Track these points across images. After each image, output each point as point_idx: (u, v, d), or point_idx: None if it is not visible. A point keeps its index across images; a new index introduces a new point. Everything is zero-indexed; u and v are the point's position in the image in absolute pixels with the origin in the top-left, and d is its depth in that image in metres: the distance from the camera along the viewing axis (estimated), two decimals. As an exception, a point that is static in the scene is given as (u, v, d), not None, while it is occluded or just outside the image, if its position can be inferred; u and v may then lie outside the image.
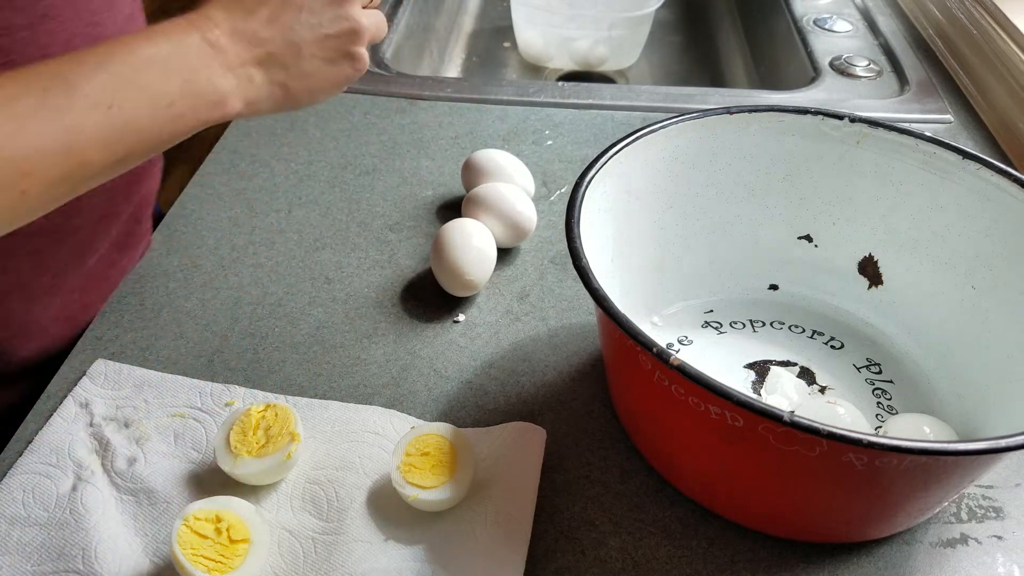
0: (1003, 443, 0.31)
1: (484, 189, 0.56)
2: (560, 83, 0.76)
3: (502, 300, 0.54)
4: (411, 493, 0.39)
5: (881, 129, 0.47)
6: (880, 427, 0.46)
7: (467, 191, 0.60)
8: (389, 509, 0.41)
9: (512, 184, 0.58)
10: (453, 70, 1.02)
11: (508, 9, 0.96)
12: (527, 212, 0.55)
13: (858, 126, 0.47)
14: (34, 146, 0.35)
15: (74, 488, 0.41)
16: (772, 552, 0.40)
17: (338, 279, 0.55)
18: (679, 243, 0.51)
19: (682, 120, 0.47)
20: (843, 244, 0.51)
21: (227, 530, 0.38)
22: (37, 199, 0.36)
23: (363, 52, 0.46)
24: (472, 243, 0.52)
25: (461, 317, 0.52)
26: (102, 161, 0.38)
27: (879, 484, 0.35)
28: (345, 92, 0.74)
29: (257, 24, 0.43)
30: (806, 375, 0.49)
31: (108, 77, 0.39)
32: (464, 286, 0.52)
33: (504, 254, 0.57)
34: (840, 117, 0.48)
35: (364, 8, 0.46)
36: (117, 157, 0.39)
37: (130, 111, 0.38)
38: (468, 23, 1.10)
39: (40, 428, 0.44)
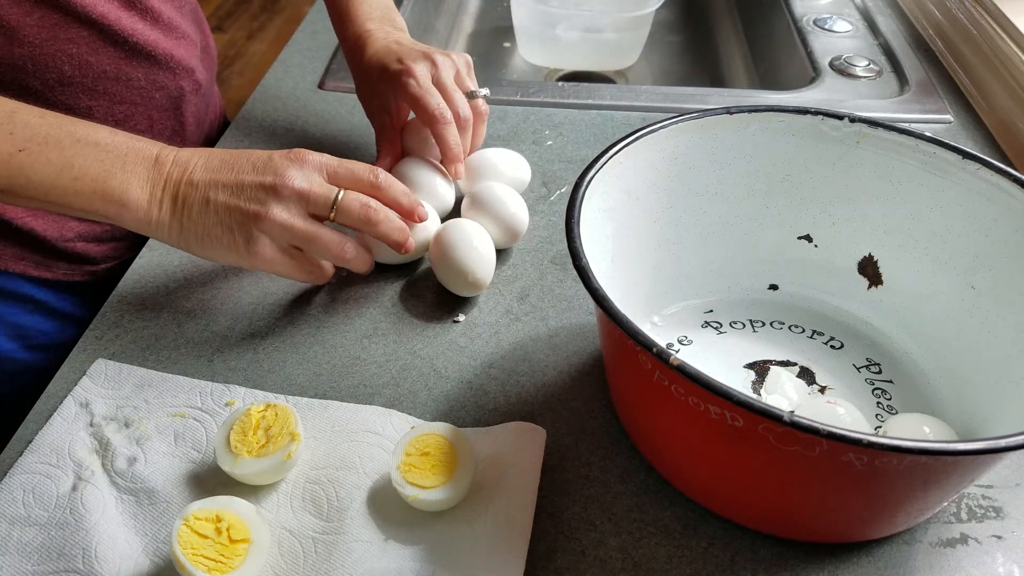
0: (1003, 443, 0.31)
1: (478, 190, 0.56)
2: (560, 83, 0.76)
3: (502, 300, 0.54)
4: (411, 493, 0.39)
5: (881, 129, 0.47)
6: (880, 427, 0.46)
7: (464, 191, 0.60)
8: (389, 509, 0.41)
9: (506, 185, 0.57)
10: (453, 70, 1.02)
11: (508, 9, 0.96)
12: (520, 214, 0.55)
13: (858, 126, 0.47)
14: None
15: (74, 488, 0.41)
16: (772, 552, 0.40)
17: (338, 279, 0.55)
18: (679, 243, 0.51)
19: (682, 120, 0.47)
20: (843, 244, 0.51)
21: (227, 530, 0.38)
22: None
23: (264, 243, 0.47)
24: (473, 244, 0.52)
25: (461, 317, 0.52)
26: None
27: (879, 484, 0.35)
28: (345, 92, 0.74)
29: (199, 169, 0.47)
30: (806, 375, 0.49)
31: (47, 127, 0.44)
32: (471, 285, 0.52)
33: (504, 254, 0.57)
34: (840, 117, 0.48)
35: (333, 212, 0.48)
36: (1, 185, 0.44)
37: (35, 160, 0.43)
38: (468, 23, 1.10)
39: (40, 428, 0.44)
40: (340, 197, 0.47)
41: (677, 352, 0.50)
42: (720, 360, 0.49)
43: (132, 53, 0.58)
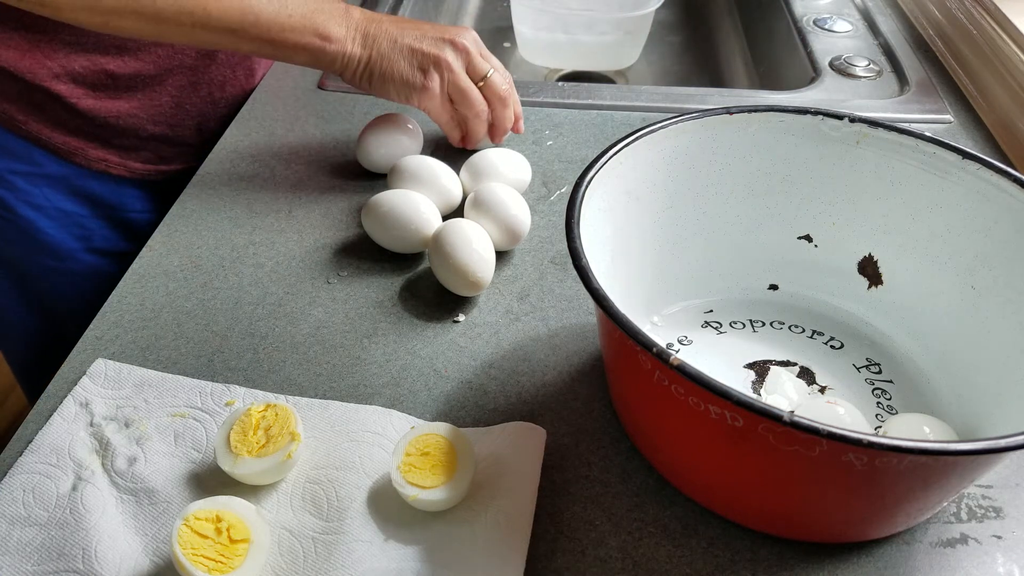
0: (1003, 443, 0.31)
1: (480, 191, 0.56)
2: (560, 83, 0.76)
3: (502, 300, 0.54)
4: (411, 493, 0.39)
5: (881, 129, 0.47)
6: (880, 427, 0.46)
7: (465, 193, 0.60)
8: (389, 509, 0.41)
9: (507, 185, 0.58)
10: (453, 70, 1.02)
11: (508, 9, 0.96)
12: (521, 216, 0.55)
13: (858, 126, 0.47)
14: None
15: (74, 488, 0.41)
16: (772, 552, 0.40)
17: (338, 279, 0.55)
18: (679, 243, 0.51)
19: (682, 120, 0.47)
20: (843, 244, 0.51)
21: (227, 530, 0.38)
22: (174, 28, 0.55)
23: (436, 79, 0.60)
24: (473, 244, 0.52)
25: (461, 317, 0.52)
26: (218, 19, 0.55)
27: (879, 484, 0.35)
28: (345, 92, 0.74)
29: (384, 20, 0.60)
30: (806, 375, 0.49)
31: None
32: (471, 285, 0.52)
33: (504, 254, 0.57)
34: (840, 117, 0.48)
35: (479, 85, 0.61)
36: (230, 26, 0.55)
37: (260, 2, 0.55)
38: (468, 23, 1.10)
39: (40, 428, 0.44)
40: (491, 73, 0.61)
41: (677, 352, 0.50)
42: (720, 360, 0.49)
43: None
